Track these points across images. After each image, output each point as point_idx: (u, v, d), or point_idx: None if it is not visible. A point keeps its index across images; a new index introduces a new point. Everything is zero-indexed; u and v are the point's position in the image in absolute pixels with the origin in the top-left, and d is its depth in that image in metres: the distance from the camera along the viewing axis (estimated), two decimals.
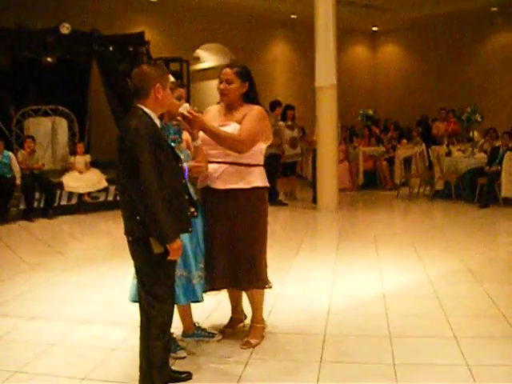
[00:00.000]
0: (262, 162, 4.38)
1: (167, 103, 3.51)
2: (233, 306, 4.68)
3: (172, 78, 4.32)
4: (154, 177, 3.20)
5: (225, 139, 4.12)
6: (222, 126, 4.20)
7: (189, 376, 3.85)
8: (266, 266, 4.39)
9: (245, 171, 4.23)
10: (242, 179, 4.22)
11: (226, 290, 4.50)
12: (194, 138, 4.13)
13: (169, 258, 3.32)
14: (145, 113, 3.37)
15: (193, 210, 3.75)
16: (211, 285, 4.29)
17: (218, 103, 4.47)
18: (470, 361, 3.99)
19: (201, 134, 4.13)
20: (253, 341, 4.38)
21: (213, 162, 4.21)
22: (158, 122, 3.44)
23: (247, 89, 4.31)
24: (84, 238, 9.06)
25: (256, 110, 4.28)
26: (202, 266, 4.22)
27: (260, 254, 4.32)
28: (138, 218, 3.29)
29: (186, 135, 4.26)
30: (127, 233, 3.43)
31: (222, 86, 4.28)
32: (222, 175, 4.20)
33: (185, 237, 3.93)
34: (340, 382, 3.79)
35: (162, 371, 3.47)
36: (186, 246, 4.03)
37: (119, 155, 3.31)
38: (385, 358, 4.10)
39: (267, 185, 4.38)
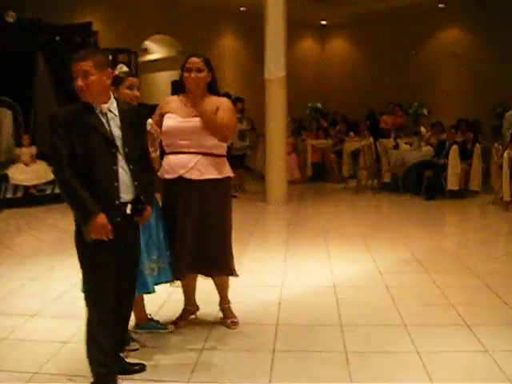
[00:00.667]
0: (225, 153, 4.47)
1: (91, 92, 3.32)
2: (186, 297, 4.67)
3: (124, 68, 4.27)
4: (63, 158, 3.23)
5: (219, 126, 4.20)
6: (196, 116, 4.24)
7: (142, 367, 3.82)
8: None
9: (217, 162, 4.31)
10: (215, 169, 4.29)
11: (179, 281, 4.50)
12: (154, 148, 4.07)
13: (91, 235, 3.26)
14: (83, 102, 3.37)
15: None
16: (179, 274, 4.32)
17: (177, 94, 4.41)
18: (420, 348, 4.09)
19: (170, 125, 4.20)
20: (235, 319, 4.63)
21: (184, 153, 4.23)
22: (98, 109, 3.37)
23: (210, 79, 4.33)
24: (31, 231, 8.89)
25: (226, 101, 4.41)
26: (154, 257, 4.19)
27: (229, 242, 4.51)
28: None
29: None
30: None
31: (193, 75, 4.23)
32: (196, 165, 4.22)
33: None
34: (293, 370, 3.83)
35: (107, 362, 3.44)
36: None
37: None
38: (337, 347, 4.17)
39: (232, 175, 4.47)
